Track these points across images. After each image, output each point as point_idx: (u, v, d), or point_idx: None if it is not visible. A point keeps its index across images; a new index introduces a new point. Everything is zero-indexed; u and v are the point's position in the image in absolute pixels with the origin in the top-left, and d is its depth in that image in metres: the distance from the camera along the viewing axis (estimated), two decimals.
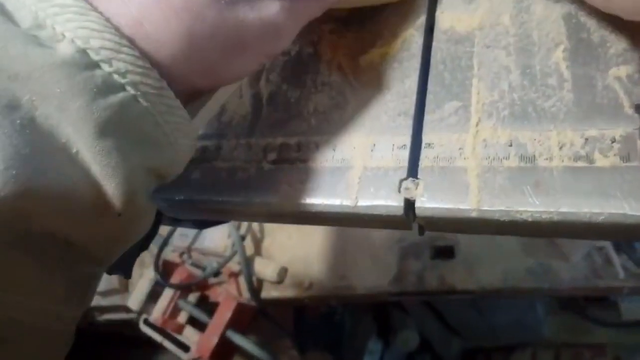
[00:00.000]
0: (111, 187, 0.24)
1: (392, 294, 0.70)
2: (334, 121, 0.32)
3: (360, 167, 0.30)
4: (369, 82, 0.33)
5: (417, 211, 0.28)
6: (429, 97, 0.30)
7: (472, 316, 1.27)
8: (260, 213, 0.33)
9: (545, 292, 0.63)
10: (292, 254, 0.76)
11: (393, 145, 0.30)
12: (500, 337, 1.38)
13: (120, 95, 0.23)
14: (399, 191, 0.29)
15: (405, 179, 0.29)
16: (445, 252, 0.69)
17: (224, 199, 0.33)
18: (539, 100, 0.28)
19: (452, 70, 0.31)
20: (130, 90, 0.24)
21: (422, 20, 0.33)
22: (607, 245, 0.60)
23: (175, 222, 0.45)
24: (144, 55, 0.24)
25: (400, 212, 0.28)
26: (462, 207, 0.27)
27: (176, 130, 0.26)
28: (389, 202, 0.29)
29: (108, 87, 0.23)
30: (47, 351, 0.27)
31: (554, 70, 0.28)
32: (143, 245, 0.40)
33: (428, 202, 0.28)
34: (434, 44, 0.32)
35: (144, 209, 0.27)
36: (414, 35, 0.33)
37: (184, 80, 0.27)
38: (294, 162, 0.32)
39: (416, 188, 0.28)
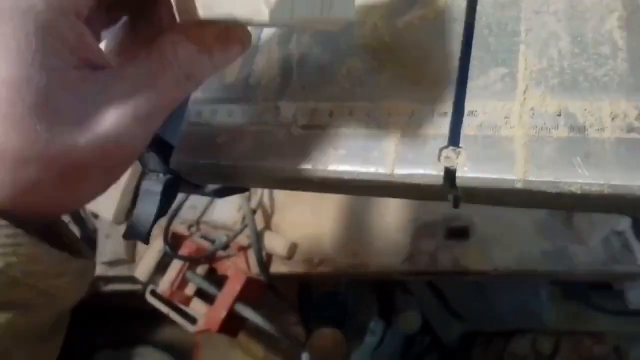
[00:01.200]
0: None
1: (404, 274, 0.69)
2: (369, 86, 0.31)
3: (397, 135, 0.29)
4: (408, 46, 0.31)
5: (458, 181, 0.27)
6: (473, 63, 0.29)
7: (476, 299, 1.26)
8: (289, 180, 0.32)
9: (560, 275, 0.63)
10: (303, 231, 0.75)
11: (433, 112, 0.29)
12: (501, 321, 1.39)
13: None
14: (439, 160, 0.27)
15: (446, 147, 0.27)
16: (460, 233, 0.68)
17: (250, 164, 0.32)
18: (591, 69, 0.27)
19: (498, 36, 0.29)
20: None
21: None
22: (627, 230, 0.59)
23: (193, 190, 0.44)
24: None
25: (439, 182, 0.27)
26: (507, 177, 0.26)
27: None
28: (428, 171, 0.27)
29: None
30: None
31: (608, 39, 0.27)
32: (161, 210, 0.39)
33: (470, 172, 0.26)
34: (479, 8, 0.30)
35: None
36: None
37: (34, 218, 0.24)
38: (326, 128, 0.31)
39: (457, 157, 0.27)
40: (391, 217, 0.72)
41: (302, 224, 0.76)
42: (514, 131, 0.27)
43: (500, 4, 0.30)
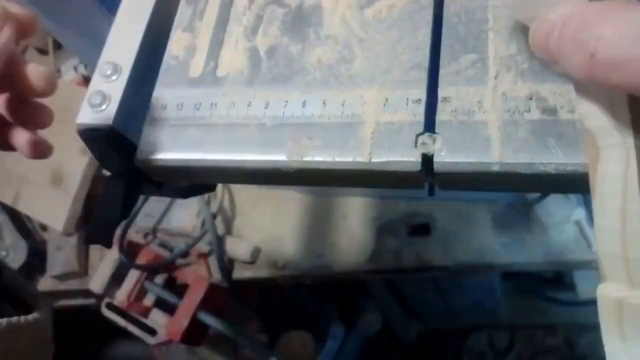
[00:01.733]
0: None
1: (369, 272, 0.69)
2: (342, 75, 0.31)
3: (372, 122, 0.29)
4: (377, 35, 0.31)
5: (435, 166, 0.27)
6: (444, 50, 0.29)
7: (433, 298, 1.28)
8: (263, 173, 0.31)
9: (520, 266, 0.64)
10: (265, 234, 0.74)
11: (407, 99, 0.29)
12: (458, 319, 1.41)
13: None
14: (416, 146, 0.27)
15: (422, 133, 0.28)
16: (421, 229, 0.69)
17: (221, 158, 0.31)
18: None
19: (467, 23, 0.30)
20: None
21: None
22: (582, 219, 0.62)
23: (155, 191, 0.42)
24: None
25: (417, 167, 0.27)
26: (484, 160, 0.26)
27: None
28: (406, 157, 0.27)
29: None
30: None
31: None
32: (123, 212, 0.37)
33: (447, 157, 0.27)
34: None
35: None
36: None
37: None
38: (300, 118, 0.30)
39: (434, 143, 0.27)
40: (353, 216, 0.72)
41: (264, 227, 0.75)
42: (488, 115, 0.27)
43: None
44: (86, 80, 0.82)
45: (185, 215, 0.78)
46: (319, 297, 1.30)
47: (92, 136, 0.34)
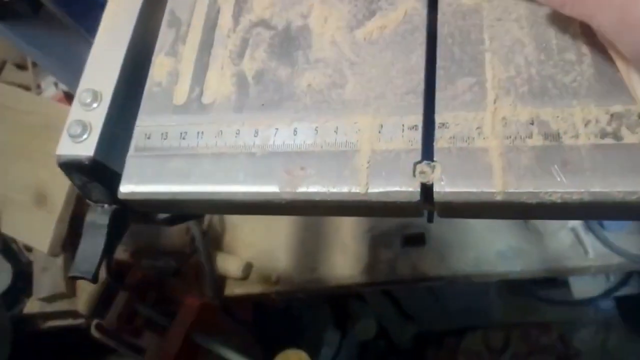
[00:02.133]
0: None
1: (364, 285, 0.68)
2: (333, 101, 0.29)
3: (367, 150, 0.27)
4: (369, 58, 0.30)
5: (435, 196, 0.26)
6: (439, 73, 0.28)
7: (429, 302, 1.28)
8: (253, 205, 0.30)
9: (517, 274, 0.64)
10: (256, 249, 0.73)
11: (403, 125, 0.27)
12: (453, 320, 1.41)
13: None
14: (414, 175, 0.26)
15: (420, 161, 0.26)
16: (415, 240, 0.68)
17: (209, 190, 0.30)
18: (558, 75, 0.26)
19: (462, 44, 0.28)
20: None
21: None
22: (577, 225, 0.61)
23: (142, 219, 0.41)
24: None
25: (416, 198, 0.26)
26: (485, 190, 0.25)
27: None
28: (404, 187, 0.26)
29: None
30: None
31: (572, 45, 0.27)
32: (109, 244, 0.36)
33: (447, 186, 0.25)
34: (439, 16, 0.30)
35: None
36: (416, 8, 0.30)
37: None
38: (291, 146, 0.29)
39: (433, 171, 0.26)
40: (346, 228, 0.70)
41: (256, 241, 0.73)
42: (488, 142, 0.26)
43: (461, 12, 0.29)
44: (67, 96, 0.79)
45: (174, 232, 0.76)
46: (313, 304, 1.28)
47: (73, 168, 0.33)
